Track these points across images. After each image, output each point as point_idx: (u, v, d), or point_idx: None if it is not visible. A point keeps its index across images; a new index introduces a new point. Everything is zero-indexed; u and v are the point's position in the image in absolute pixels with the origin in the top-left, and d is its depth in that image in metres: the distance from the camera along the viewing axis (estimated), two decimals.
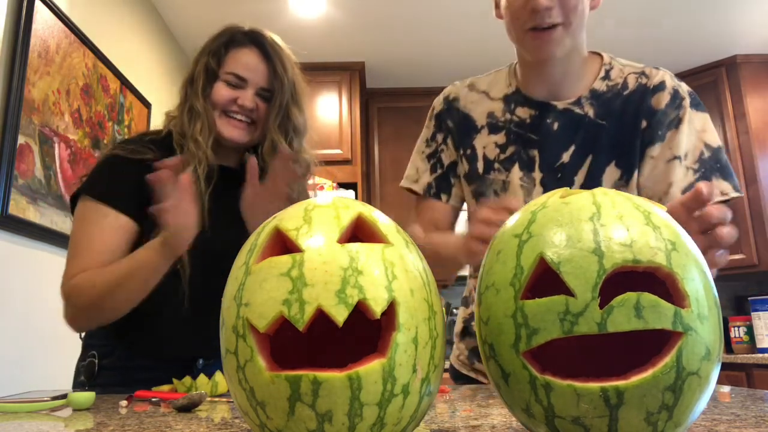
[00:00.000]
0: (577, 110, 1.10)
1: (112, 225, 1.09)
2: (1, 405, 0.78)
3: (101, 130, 2.37)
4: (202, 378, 0.98)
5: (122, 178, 1.12)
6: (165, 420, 0.66)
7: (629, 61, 1.17)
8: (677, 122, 1.05)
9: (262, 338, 0.43)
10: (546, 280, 0.44)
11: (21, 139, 1.82)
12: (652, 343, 0.41)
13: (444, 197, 1.20)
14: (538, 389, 0.43)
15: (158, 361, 1.14)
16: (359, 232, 0.49)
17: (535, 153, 1.11)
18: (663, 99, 1.06)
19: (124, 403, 0.82)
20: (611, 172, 1.06)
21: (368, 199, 3.64)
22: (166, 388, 1.01)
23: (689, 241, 0.45)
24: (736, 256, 3.39)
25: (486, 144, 1.15)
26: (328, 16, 3.12)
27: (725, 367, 3.03)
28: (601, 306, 0.41)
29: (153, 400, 0.87)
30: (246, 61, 1.19)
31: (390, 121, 3.89)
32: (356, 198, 3.28)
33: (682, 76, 3.76)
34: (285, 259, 0.44)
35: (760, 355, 2.95)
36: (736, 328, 3.25)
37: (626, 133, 1.06)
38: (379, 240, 0.48)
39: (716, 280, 0.54)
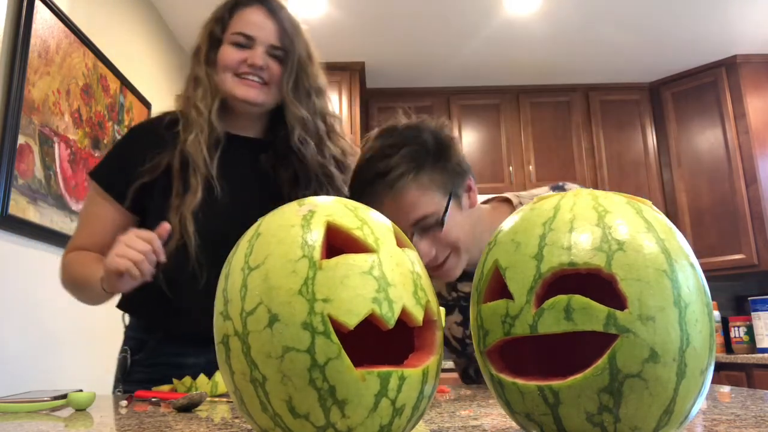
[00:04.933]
0: None
1: (109, 213, 1.16)
2: (1, 405, 0.78)
3: (101, 130, 2.36)
4: (202, 378, 0.98)
5: (130, 165, 1.13)
6: (165, 420, 0.66)
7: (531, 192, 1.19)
8: None
9: (347, 336, 0.42)
10: (505, 284, 0.46)
11: (21, 139, 1.82)
12: (604, 345, 0.41)
13: None
14: (496, 386, 0.47)
15: (185, 354, 1.12)
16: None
17: None
18: None
19: (124, 403, 0.82)
20: None
21: None
22: (166, 388, 1.01)
23: (652, 239, 0.43)
24: (736, 256, 3.39)
25: (449, 326, 1.21)
26: (329, 16, 3.12)
27: (725, 367, 3.03)
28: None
29: (153, 400, 0.87)
30: (252, 19, 1.14)
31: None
32: None
33: (682, 76, 3.76)
34: (363, 258, 0.44)
35: (760, 355, 2.95)
36: (736, 328, 3.25)
37: None
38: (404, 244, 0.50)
39: (716, 280, 0.54)
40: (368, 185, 1.00)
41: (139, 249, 0.94)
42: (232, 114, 1.19)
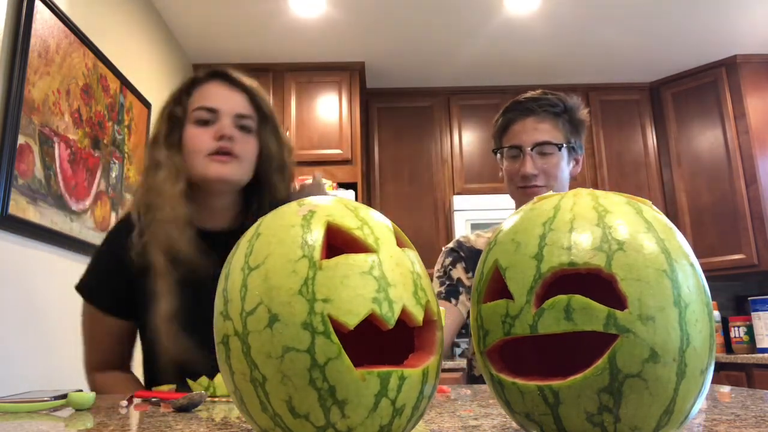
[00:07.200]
0: None
1: (106, 327, 1.14)
2: (1, 405, 0.78)
3: (101, 130, 2.36)
4: (219, 378, 0.96)
5: (113, 274, 1.11)
6: (165, 420, 0.66)
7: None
8: None
9: (347, 335, 0.42)
10: (505, 284, 0.46)
11: (21, 139, 1.82)
12: (604, 345, 0.41)
13: (453, 301, 1.39)
14: (495, 386, 0.47)
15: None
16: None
17: None
18: None
19: (124, 403, 0.82)
20: None
21: (368, 199, 3.64)
22: (165, 388, 1.00)
23: (652, 239, 0.43)
24: (736, 256, 3.39)
25: None
26: (328, 16, 3.12)
27: (725, 367, 3.03)
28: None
29: (153, 400, 0.87)
30: (213, 92, 1.09)
31: (390, 121, 3.89)
32: (356, 198, 3.28)
33: (682, 76, 3.76)
34: (363, 258, 0.44)
35: (760, 355, 2.95)
36: (736, 328, 3.25)
37: None
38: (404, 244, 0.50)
39: (716, 280, 0.54)
40: (530, 102, 1.30)
41: None
42: (198, 205, 1.11)
